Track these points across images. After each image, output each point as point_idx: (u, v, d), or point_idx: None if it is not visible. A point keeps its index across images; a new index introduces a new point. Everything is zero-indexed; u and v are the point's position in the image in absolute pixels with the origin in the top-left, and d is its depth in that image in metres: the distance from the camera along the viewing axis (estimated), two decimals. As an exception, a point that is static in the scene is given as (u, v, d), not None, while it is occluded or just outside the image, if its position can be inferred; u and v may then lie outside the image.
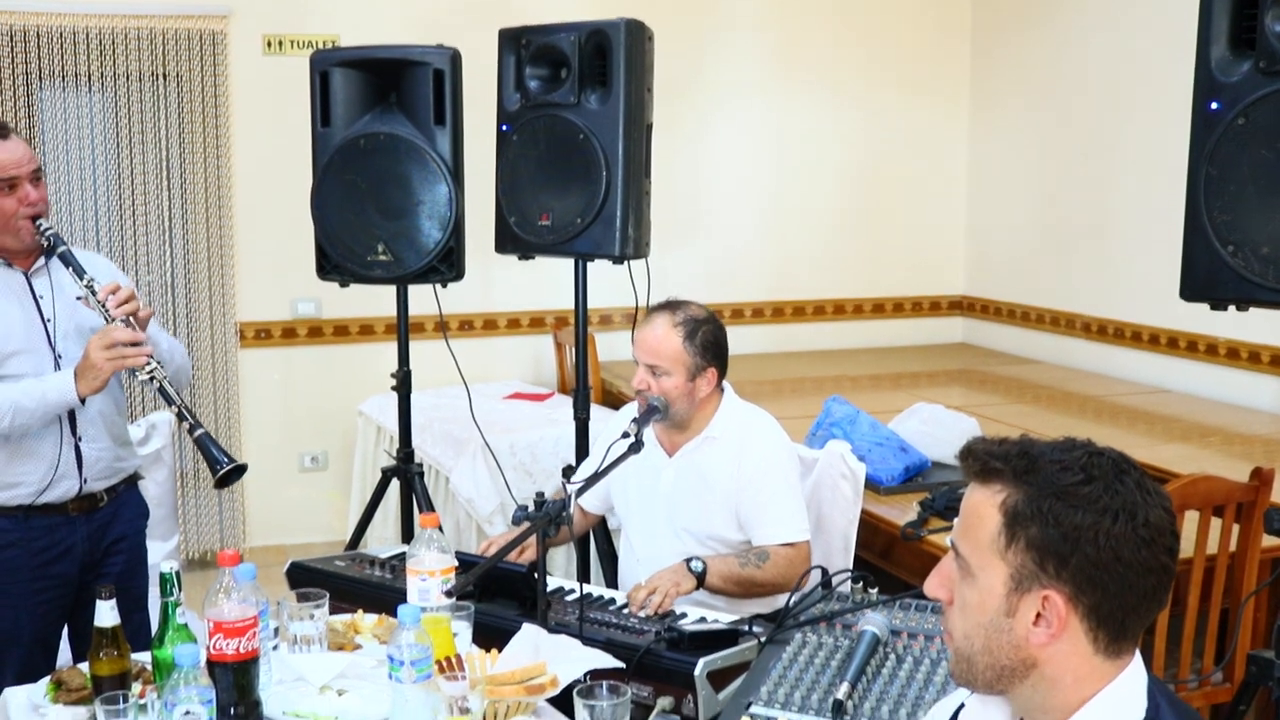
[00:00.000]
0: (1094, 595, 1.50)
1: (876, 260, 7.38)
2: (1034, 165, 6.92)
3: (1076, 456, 1.53)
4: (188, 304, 6.09)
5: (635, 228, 3.93)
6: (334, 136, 4.16)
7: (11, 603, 3.25)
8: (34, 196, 3.17)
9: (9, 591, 3.25)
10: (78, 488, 3.27)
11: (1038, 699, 1.56)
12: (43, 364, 3.21)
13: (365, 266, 4.17)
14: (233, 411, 6.23)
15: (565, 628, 2.80)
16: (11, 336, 3.18)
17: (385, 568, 3.32)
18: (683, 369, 3.29)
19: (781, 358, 6.99)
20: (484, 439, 4.69)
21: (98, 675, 2.51)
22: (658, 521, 3.43)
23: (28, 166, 3.17)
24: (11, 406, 3.10)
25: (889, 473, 4.16)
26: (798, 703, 2.34)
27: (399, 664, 2.39)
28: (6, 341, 3.18)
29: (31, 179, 3.18)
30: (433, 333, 5.44)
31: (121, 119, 5.89)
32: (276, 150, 5.96)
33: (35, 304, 3.24)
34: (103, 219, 5.93)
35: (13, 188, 3.15)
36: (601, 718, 2.29)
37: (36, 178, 3.20)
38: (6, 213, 3.15)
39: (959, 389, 6.21)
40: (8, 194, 3.15)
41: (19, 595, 3.25)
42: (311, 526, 6.38)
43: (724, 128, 6.98)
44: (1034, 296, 6.97)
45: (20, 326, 3.20)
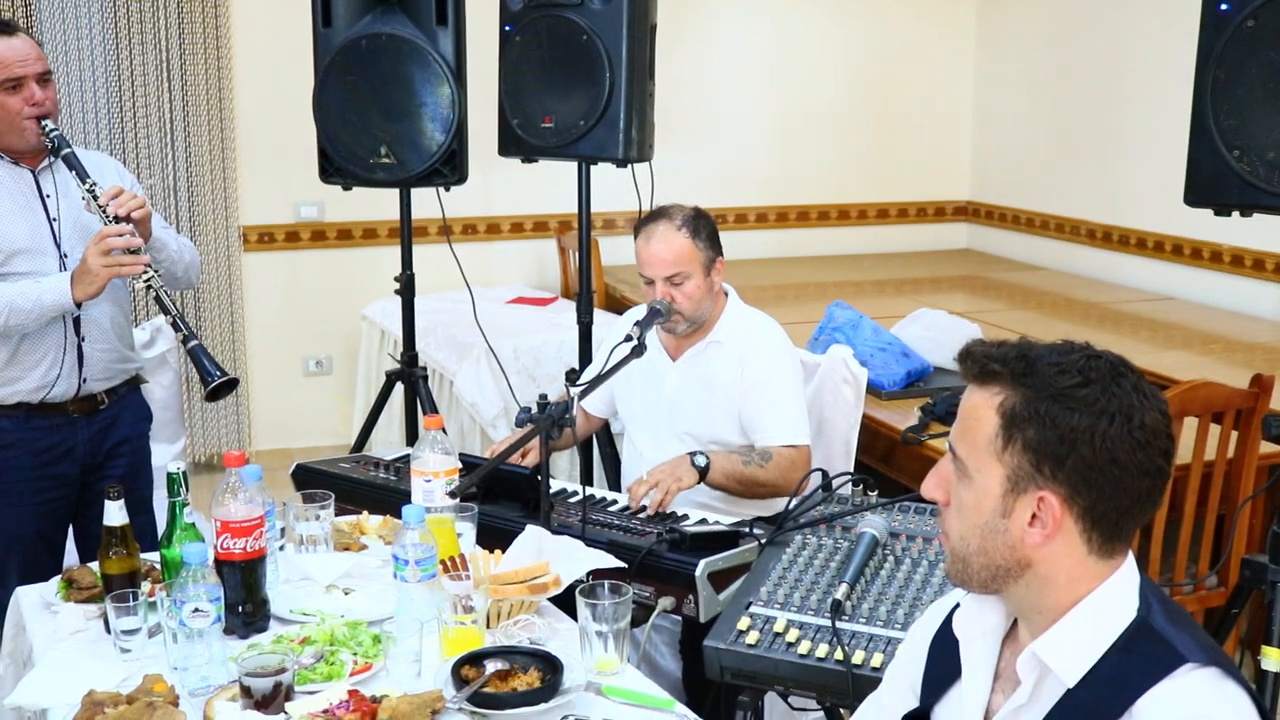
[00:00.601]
0: (1089, 496, 1.51)
1: (881, 165, 7.33)
2: (1040, 70, 6.85)
3: (1074, 359, 1.53)
4: (190, 208, 6.06)
5: (639, 130, 3.91)
6: (335, 37, 4.13)
7: (14, 502, 3.29)
8: (39, 96, 3.15)
9: (11, 491, 3.29)
10: (77, 387, 3.29)
11: (1031, 598, 1.58)
12: (47, 264, 3.21)
13: (368, 169, 4.16)
14: (236, 316, 6.23)
15: (568, 529, 2.83)
16: (16, 236, 3.18)
17: (390, 470, 3.35)
18: (699, 266, 3.29)
19: (784, 263, 6.97)
20: (488, 343, 4.71)
21: (108, 574, 2.54)
22: (661, 425, 3.45)
23: (34, 66, 3.15)
24: (6, 306, 3.10)
25: (891, 378, 4.17)
26: (797, 603, 2.37)
27: (404, 563, 2.42)
28: (11, 240, 3.18)
29: (39, 79, 3.15)
30: (436, 236, 5.43)
31: (120, 19, 5.82)
32: (278, 51, 5.90)
33: (42, 203, 3.24)
34: (103, 122, 5.89)
35: (17, 87, 3.13)
36: (603, 616, 2.32)
37: (45, 79, 3.18)
38: (11, 111, 3.14)
39: (962, 295, 6.21)
40: (12, 93, 3.12)
41: (21, 495, 3.29)
42: (316, 430, 6.42)
43: (729, 30, 6.91)
44: (1038, 202, 6.94)
45: (25, 226, 3.20)
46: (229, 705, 2.14)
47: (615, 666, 2.33)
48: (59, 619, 2.55)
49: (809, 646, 2.26)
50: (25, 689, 2.31)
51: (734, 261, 6.08)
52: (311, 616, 2.51)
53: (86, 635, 2.50)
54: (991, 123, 7.31)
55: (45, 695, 2.27)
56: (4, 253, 3.17)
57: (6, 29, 3.16)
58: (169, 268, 3.34)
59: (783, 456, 3.28)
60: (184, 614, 2.25)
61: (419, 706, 2.07)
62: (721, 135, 6.96)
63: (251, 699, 2.11)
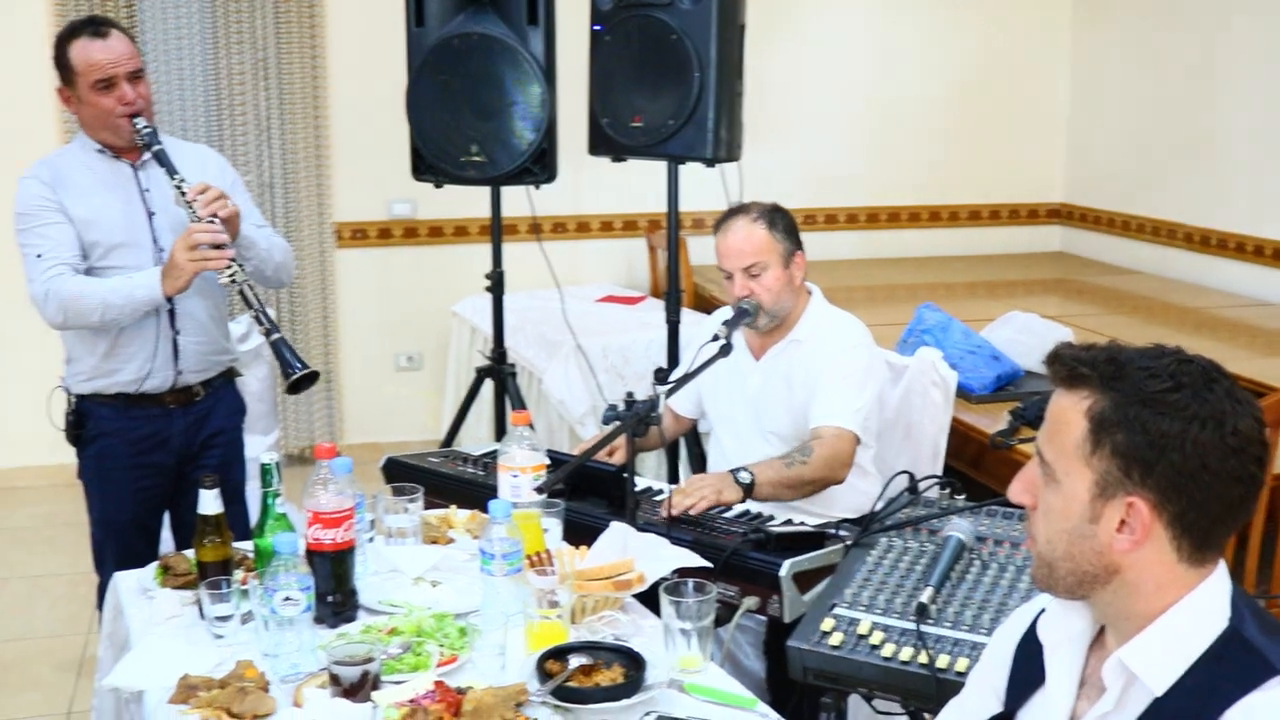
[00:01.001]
0: (1179, 503, 1.49)
1: (973, 166, 7.25)
2: (1138, 71, 6.74)
3: (1165, 364, 1.51)
4: (285, 205, 6.16)
5: (728, 130, 3.92)
6: (428, 36, 4.18)
7: (113, 489, 3.39)
8: (131, 96, 3.22)
9: (109, 478, 3.38)
10: (173, 379, 3.36)
11: (1118, 605, 1.56)
12: (144, 258, 3.28)
13: (459, 167, 4.20)
14: (329, 311, 6.33)
15: (653, 527, 2.84)
16: (114, 229, 3.27)
17: (478, 465, 3.39)
18: (777, 258, 3.28)
19: (875, 264, 6.93)
20: (576, 341, 4.74)
21: (202, 561, 2.60)
22: (746, 425, 3.45)
23: (125, 66, 3.22)
24: (100, 303, 3.19)
25: (980, 381, 4.14)
26: (882, 606, 2.36)
27: (490, 557, 2.45)
28: (110, 234, 3.26)
29: (130, 78, 3.22)
30: (526, 234, 5.47)
31: (219, 20, 5.93)
32: (371, 51, 5.97)
33: (141, 197, 3.32)
34: (201, 119, 6.00)
35: (110, 86, 3.20)
36: (687, 615, 2.33)
37: (136, 76, 3.25)
38: (105, 110, 3.22)
39: (1055, 298, 6.13)
40: (106, 92, 3.20)
41: (119, 482, 3.38)
42: (407, 425, 6.49)
43: (821, 30, 6.88)
44: (1134, 205, 6.82)
45: (123, 220, 3.28)
46: (318, 692, 2.18)
47: (698, 664, 2.33)
48: (155, 604, 2.61)
49: (893, 649, 2.25)
50: (122, 671, 2.37)
51: (823, 262, 6.05)
52: (399, 608, 2.54)
53: (182, 620, 2.55)
54: (1087, 123, 7.20)
55: (141, 678, 2.32)
56: (104, 246, 3.26)
57: (99, 29, 3.23)
58: (258, 266, 3.40)
59: (823, 446, 3.19)
60: (275, 602, 2.29)
61: (503, 699, 2.09)
62: (812, 135, 6.92)
63: (339, 687, 2.15)
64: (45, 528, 5.48)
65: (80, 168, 3.30)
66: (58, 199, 3.24)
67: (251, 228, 3.38)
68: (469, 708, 2.07)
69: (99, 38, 3.21)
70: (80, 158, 3.32)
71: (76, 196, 3.25)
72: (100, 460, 3.39)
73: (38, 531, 5.49)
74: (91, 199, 3.26)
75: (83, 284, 3.21)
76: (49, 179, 3.26)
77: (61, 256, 3.22)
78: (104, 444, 3.37)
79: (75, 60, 3.20)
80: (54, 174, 3.27)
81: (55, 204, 3.23)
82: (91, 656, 3.87)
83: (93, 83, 3.19)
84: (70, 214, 3.24)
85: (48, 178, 3.26)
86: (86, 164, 3.30)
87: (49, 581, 4.98)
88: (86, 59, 3.19)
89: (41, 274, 3.21)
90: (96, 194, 3.27)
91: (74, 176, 3.28)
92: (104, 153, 3.30)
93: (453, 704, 2.08)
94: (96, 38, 3.20)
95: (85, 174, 3.29)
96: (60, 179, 3.26)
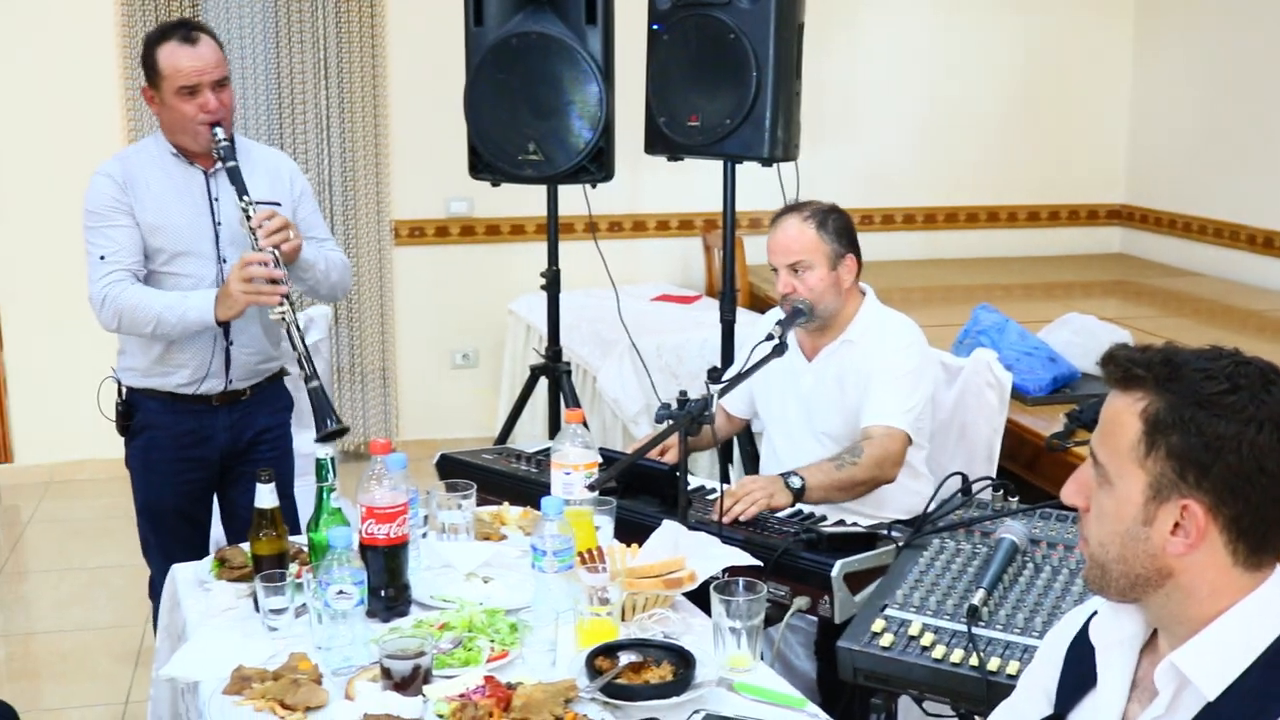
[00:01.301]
0: (1235, 506, 1.48)
1: (1032, 167, 7.19)
2: (1200, 68, 6.65)
3: (1222, 365, 1.50)
4: (344, 202, 6.22)
5: (785, 129, 3.91)
6: (487, 35, 4.20)
7: (157, 479, 3.44)
8: (213, 105, 3.23)
9: (154, 469, 3.43)
10: (223, 386, 3.40)
11: (1172, 609, 1.55)
12: (206, 267, 3.32)
13: (516, 165, 4.22)
14: (386, 308, 6.38)
15: (705, 526, 2.84)
16: (180, 238, 3.30)
17: (531, 462, 3.40)
18: (823, 259, 3.27)
19: (932, 265, 6.90)
20: (631, 340, 4.74)
21: (258, 554, 2.63)
22: (798, 426, 3.44)
23: (211, 74, 3.23)
24: (155, 318, 3.23)
25: (1036, 383, 4.10)
26: (933, 607, 2.35)
27: (542, 554, 2.46)
28: (175, 243, 3.29)
29: (214, 86, 3.23)
30: (582, 233, 5.48)
31: (281, 20, 6.00)
32: (431, 50, 6.01)
33: (210, 206, 3.33)
34: (263, 118, 6.07)
35: (194, 93, 3.22)
36: (737, 613, 2.33)
37: (221, 85, 3.26)
38: (186, 117, 3.23)
39: (1114, 300, 6.07)
40: (188, 98, 3.22)
41: (163, 473, 3.43)
42: (461, 422, 6.52)
43: (880, 29, 6.85)
44: (1196, 206, 6.74)
45: (190, 229, 3.31)
46: (369, 685, 2.20)
47: (748, 663, 2.33)
48: (211, 596, 2.65)
49: (944, 651, 2.24)
50: (178, 662, 2.41)
51: (881, 262, 6.02)
52: (451, 603, 2.56)
53: (237, 613, 2.59)
54: (1148, 123, 7.12)
55: (197, 668, 2.35)
56: (168, 253, 3.29)
57: (190, 35, 3.23)
58: (312, 286, 3.44)
59: (873, 446, 3.17)
60: (328, 595, 2.32)
61: (553, 695, 2.10)
62: (870, 135, 6.90)
63: (391, 680, 2.17)
64: (104, 520, 5.57)
65: (154, 168, 3.31)
66: (127, 200, 3.26)
67: (312, 248, 3.40)
68: (518, 703, 2.08)
69: (189, 44, 3.21)
70: (155, 158, 3.33)
71: (146, 200, 3.27)
72: (146, 451, 3.43)
73: (97, 524, 5.58)
74: (161, 204, 3.28)
75: (140, 296, 3.24)
76: (121, 179, 3.28)
77: (123, 261, 3.25)
78: (150, 436, 3.42)
79: (163, 64, 3.21)
80: (126, 173, 3.29)
81: (124, 206, 3.26)
82: (149, 647, 3.92)
83: (177, 88, 3.20)
84: (138, 217, 3.27)
85: (120, 177, 3.28)
86: (160, 165, 3.32)
87: (107, 573, 5.05)
88: (174, 64, 3.20)
89: (102, 276, 3.25)
90: (166, 199, 3.29)
91: (146, 178, 3.29)
92: (179, 156, 3.32)
93: (503, 699, 2.09)
94: (186, 43, 3.21)
95: (158, 176, 3.31)
96: (132, 179, 3.28)
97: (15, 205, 5.88)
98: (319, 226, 3.55)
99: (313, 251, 3.40)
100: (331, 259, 3.51)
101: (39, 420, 6.07)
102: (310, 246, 3.39)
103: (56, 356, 5.88)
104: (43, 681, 4.27)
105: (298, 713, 2.14)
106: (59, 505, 5.85)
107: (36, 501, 5.89)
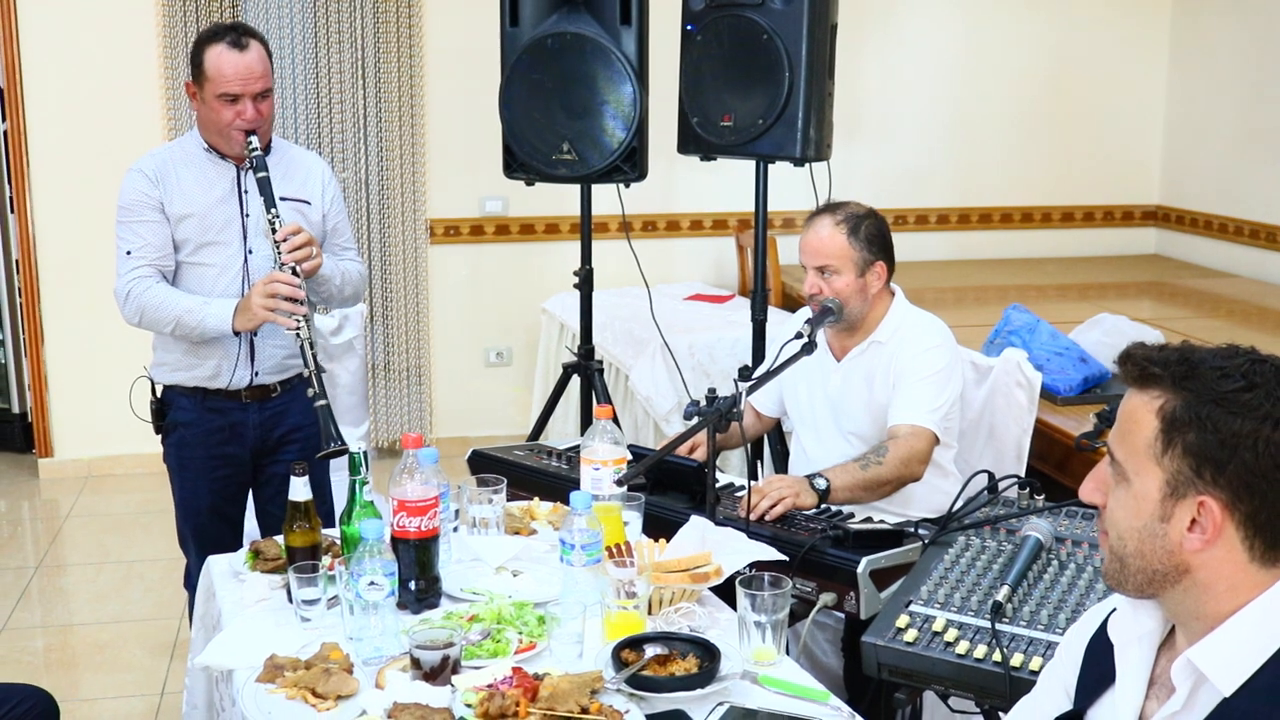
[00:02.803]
0: (1251, 503, 1.49)
1: (1067, 167, 7.17)
2: (1237, 70, 6.62)
3: (1238, 364, 1.51)
4: (380, 200, 6.27)
5: (817, 129, 3.92)
6: (522, 36, 4.23)
7: (191, 477, 3.49)
8: (250, 114, 3.26)
9: (188, 466, 3.49)
10: (249, 378, 3.45)
11: (1189, 605, 1.56)
12: (233, 259, 3.37)
13: (550, 165, 4.25)
14: (421, 306, 6.42)
15: (732, 522, 2.86)
16: (208, 229, 3.35)
17: (562, 459, 3.43)
18: (851, 265, 3.28)
19: (966, 265, 6.89)
20: (663, 338, 4.77)
21: (291, 546, 2.67)
22: (826, 425, 3.46)
23: (254, 85, 3.25)
24: (174, 319, 3.29)
25: (1067, 383, 4.10)
26: (957, 603, 2.37)
27: (570, 547, 2.49)
28: (203, 233, 3.35)
29: (256, 97, 3.26)
30: (617, 232, 5.51)
31: (320, 20, 6.06)
32: (467, 50, 6.06)
33: (240, 198, 3.38)
34: (301, 117, 6.13)
35: (234, 100, 3.25)
36: (762, 607, 2.35)
37: (263, 95, 3.29)
38: (223, 121, 3.27)
39: (1149, 301, 6.05)
40: (229, 105, 3.25)
41: (196, 470, 3.48)
42: (495, 420, 6.57)
43: (915, 30, 6.85)
44: (1233, 207, 6.71)
45: (219, 220, 3.36)
46: (399, 675, 2.23)
47: (773, 657, 2.35)
48: (246, 587, 2.69)
49: (967, 647, 2.26)
50: (213, 651, 2.45)
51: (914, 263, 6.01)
52: (481, 596, 2.59)
53: (270, 604, 2.63)
54: (1185, 124, 7.09)
55: (231, 657, 2.40)
56: (194, 244, 3.35)
57: (240, 40, 3.25)
58: (324, 298, 3.51)
59: (898, 445, 3.18)
60: (360, 586, 2.35)
61: (579, 685, 2.13)
62: (903, 134, 6.90)
63: (420, 670, 2.20)
64: (141, 514, 5.64)
65: (187, 162, 3.37)
66: (158, 195, 3.32)
67: (330, 263, 3.44)
68: (545, 693, 2.11)
69: (237, 49, 3.23)
70: (190, 152, 3.39)
71: (177, 193, 3.33)
72: (179, 449, 3.49)
73: (134, 518, 5.65)
74: (191, 196, 3.34)
75: (163, 296, 3.29)
76: (153, 174, 3.33)
77: (149, 257, 3.31)
78: (183, 433, 3.47)
79: (209, 66, 3.24)
80: (159, 168, 3.34)
81: (155, 201, 3.32)
82: (184, 639, 3.98)
83: (219, 93, 3.24)
84: (168, 211, 3.32)
85: (152, 172, 3.33)
86: (194, 159, 3.38)
87: (144, 566, 5.12)
88: (219, 69, 3.23)
89: (127, 271, 3.31)
90: (197, 191, 3.35)
91: (179, 171, 3.35)
92: (211, 152, 3.38)
93: (529, 689, 2.12)
94: (235, 49, 3.23)
95: (190, 170, 3.36)
96: (164, 173, 3.34)
97: (57, 201, 5.96)
98: (345, 234, 3.60)
99: (330, 266, 3.44)
100: (349, 273, 3.55)
101: (79, 415, 6.15)
102: (329, 261, 3.43)
103: (96, 352, 5.95)
104: (80, 672, 4.33)
105: (329, 701, 2.18)
106: (97, 500, 5.93)
107: (75, 496, 5.97)
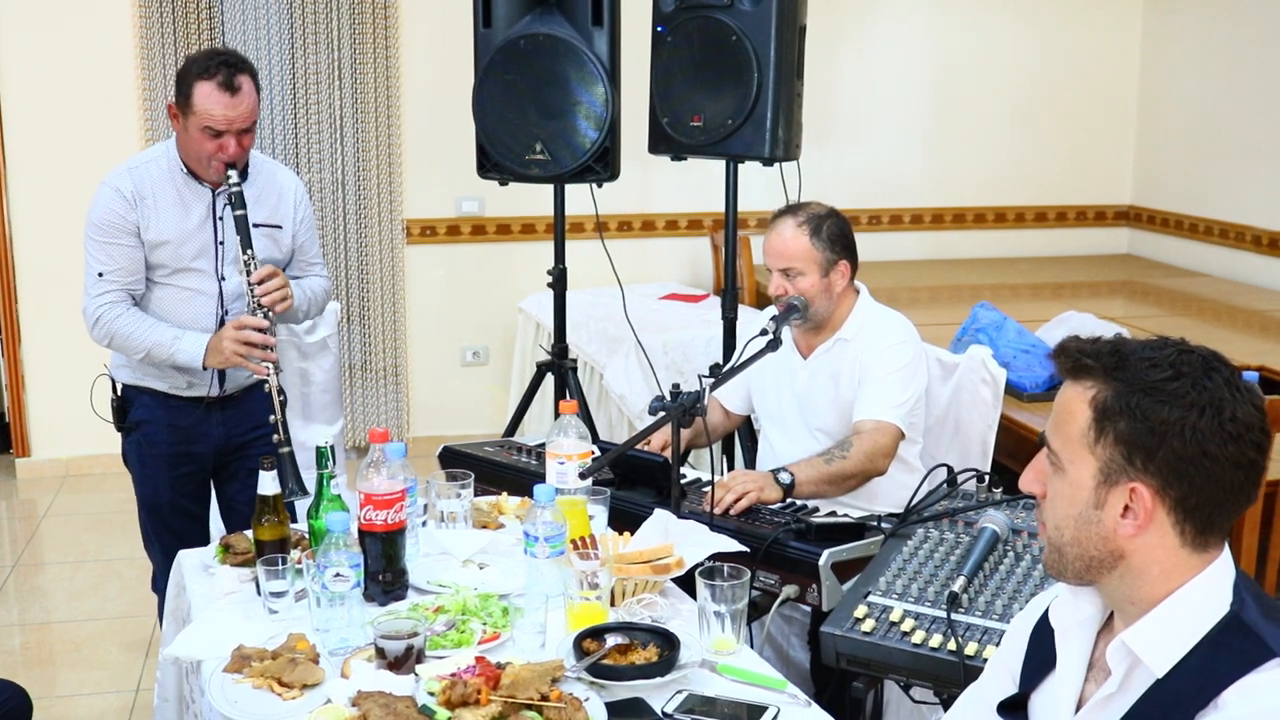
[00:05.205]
0: (1180, 488, 1.54)
1: (1040, 168, 7.24)
2: (1209, 71, 6.69)
3: (1167, 354, 1.56)
4: (357, 201, 6.29)
5: (786, 129, 3.96)
6: (495, 37, 4.26)
7: (152, 474, 3.52)
8: (233, 150, 3.24)
9: (149, 464, 3.52)
10: (217, 391, 3.48)
11: (1125, 590, 1.61)
12: (206, 284, 3.38)
13: (523, 165, 4.28)
14: (398, 306, 6.45)
15: (697, 516, 2.90)
16: (183, 255, 3.35)
17: (531, 454, 3.47)
18: (815, 266, 3.32)
19: (939, 265, 6.94)
20: (636, 337, 4.80)
21: (260, 539, 2.70)
22: (793, 422, 3.50)
23: (239, 124, 3.23)
24: (143, 350, 3.32)
25: (1033, 380, 4.15)
26: (914, 594, 2.42)
27: (534, 540, 2.53)
28: (177, 259, 3.35)
29: (239, 134, 3.25)
30: (592, 233, 5.54)
31: (297, 23, 6.08)
32: (442, 52, 6.09)
33: (214, 224, 3.37)
34: (278, 119, 6.15)
35: (218, 135, 3.23)
36: (722, 597, 2.39)
37: (246, 131, 3.28)
38: (205, 151, 3.25)
39: (1120, 300, 6.11)
40: (212, 138, 3.23)
41: (158, 468, 3.51)
42: (472, 418, 6.60)
43: (887, 30, 6.91)
44: (1203, 207, 6.78)
45: (194, 246, 3.36)
46: (364, 664, 2.27)
47: (732, 646, 2.39)
48: (215, 580, 2.72)
49: (924, 636, 2.30)
50: (182, 642, 2.48)
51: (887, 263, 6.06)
52: (447, 588, 2.63)
53: (239, 596, 2.66)
54: (1156, 125, 7.16)
55: (199, 648, 2.43)
56: (169, 268, 3.35)
57: (231, 83, 3.20)
58: (289, 320, 3.57)
59: (862, 440, 3.23)
60: (326, 578, 2.38)
61: (540, 674, 2.16)
62: (880, 136, 6.95)
63: (385, 660, 2.24)
64: (117, 513, 5.64)
65: (164, 184, 3.33)
66: (134, 219, 3.29)
67: (298, 293, 3.46)
68: (507, 681, 2.14)
69: (228, 92, 3.19)
70: (165, 173, 3.34)
71: (154, 218, 3.30)
72: (141, 447, 3.51)
73: (110, 517, 5.66)
74: (168, 223, 3.31)
75: (133, 326, 3.30)
76: (131, 195, 3.29)
77: (121, 281, 3.32)
78: (145, 431, 3.49)
79: (197, 102, 3.20)
80: (137, 189, 3.30)
81: (130, 225, 3.29)
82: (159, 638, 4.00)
83: (204, 126, 3.21)
84: (143, 236, 3.30)
85: (130, 194, 3.29)
86: (170, 182, 3.34)
87: (120, 565, 5.13)
88: (208, 109, 3.19)
89: (98, 294, 3.31)
90: (173, 218, 3.32)
91: (155, 193, 3.31)
92: (189, 175, 3.34)
93: (491, 677, 2.15)
94: (226, 91, 3.18)
95: (166, 191, 3.33)
96: (141, 195, 3.30)
97: (34, 202, 5.97)
98: (313, 250, 3.61)
99: (299, 297, 3.47)
100: (315, 293, 3.59)
101: (56, 415, 6.16)
102: (297, 291, 3.45)
103: (73, 353, 5.91)
104: (57, 669, 4.35)
105: (294, 690, 2.21)
106: (74, 499, 5.94)
107: (53, 495, 5.98)
